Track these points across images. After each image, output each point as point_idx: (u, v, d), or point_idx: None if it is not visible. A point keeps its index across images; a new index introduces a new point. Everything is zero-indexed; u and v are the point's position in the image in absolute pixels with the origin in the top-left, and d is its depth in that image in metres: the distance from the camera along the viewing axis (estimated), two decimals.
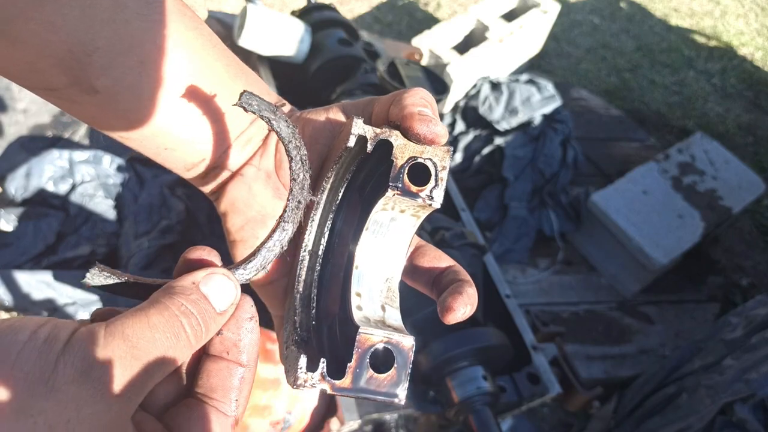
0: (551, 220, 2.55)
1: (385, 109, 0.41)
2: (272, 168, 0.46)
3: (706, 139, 2.73)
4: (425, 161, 0.37)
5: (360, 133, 0.38)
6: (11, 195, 2.08)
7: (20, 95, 2.47)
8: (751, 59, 3.83)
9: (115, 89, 0.39)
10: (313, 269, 0.43)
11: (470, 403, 1.22)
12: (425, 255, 0.44)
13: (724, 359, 1.75)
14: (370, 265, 0.41)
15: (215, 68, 0.43)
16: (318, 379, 0.35)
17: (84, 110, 0.41)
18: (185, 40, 0.41)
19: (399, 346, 0.36)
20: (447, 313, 0.39)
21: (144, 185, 2.19)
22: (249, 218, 0.46)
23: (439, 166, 0.38)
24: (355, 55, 1.72)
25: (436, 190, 0.37)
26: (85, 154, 2.19)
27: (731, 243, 2.74)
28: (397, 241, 0.41)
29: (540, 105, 2.65)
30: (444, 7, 3.83)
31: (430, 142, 0.38)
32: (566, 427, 2.11)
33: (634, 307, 2.48)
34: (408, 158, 0.37)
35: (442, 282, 0.42)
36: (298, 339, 0.40)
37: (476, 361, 1.27)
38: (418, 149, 0.38)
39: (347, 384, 0.35)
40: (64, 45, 0.37)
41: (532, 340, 1.43)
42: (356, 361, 0.35)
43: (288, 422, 1.37)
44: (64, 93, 0.40)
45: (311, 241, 0.43)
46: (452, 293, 0.40)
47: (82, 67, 0.38)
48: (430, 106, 0.40)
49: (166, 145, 0.43)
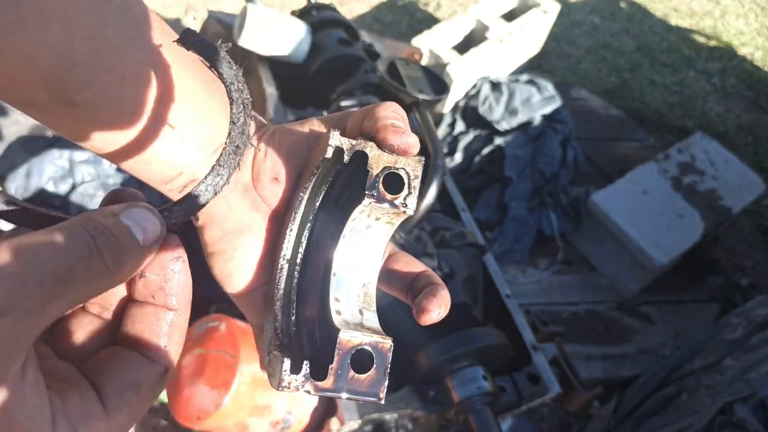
0: (551, 220, 2.55)
1: (359, 122, 0.43)
2: (249, 180, 0.47)
3: (706, 139, 2.73)
4: (399, 170, 0.39)
5: (337, 144, 0.40)
6: (11, 195, 2.08)
7: None
8: (751, 59, 3.83)
9: (95, 104, 0.40)
10: (292, 277, 0.45)
11: (470, 403, 1.22)
12: (399, 261, 0.46)
13: (725, 359, 1.75)
14: (347, 271, 0.42)
15: (195, 84, 0.45)
16: (302, 381, 0.36)
17: (62, 123, 0.42)
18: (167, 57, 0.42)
19: (378, 347, 0.38)
20: (422, 314, 0.41)
21: (144, 185, 2.19)
22: (226, 230, 0.46)
23: (412, 175, 0.39)
24: (355, 55, 1.72)
25: (409, 197, 0.39)
26: (86, 154, 2.19)
27: (731, 243, 2.74)
28: (373, 247, 0.43)
29: (540, 105, 2.65)
30: (444, 7, 3.83)
31: (403, 152, 0.40)
32: (566, 427, 2.11)
33: (634, 307, 2.48)
34: (382, 168, 0.39)
35: (416, 286, 0.44)
36: (279, 344, 0.41)
37: (476, 361, 1.27)
38: (392, 159, 0.39)
39: (329, 385, 0.36)
40: (45, 61, 0.37)
41: (532, 340, 1.43)
42: (338, 363, 0.36)
43: (288, 422, 1.37)
44: (45, 107, 0.40)
45: (289, 250, 0.45)
46: (427, 295, 0.42)
47: (62, 82, 0.38)
48: (402, 119, 0.42)
49: (144, 158, 0.44)
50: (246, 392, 1.30)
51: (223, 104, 0.46)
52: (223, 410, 1.28)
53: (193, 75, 0.45)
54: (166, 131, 0.43)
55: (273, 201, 0.46)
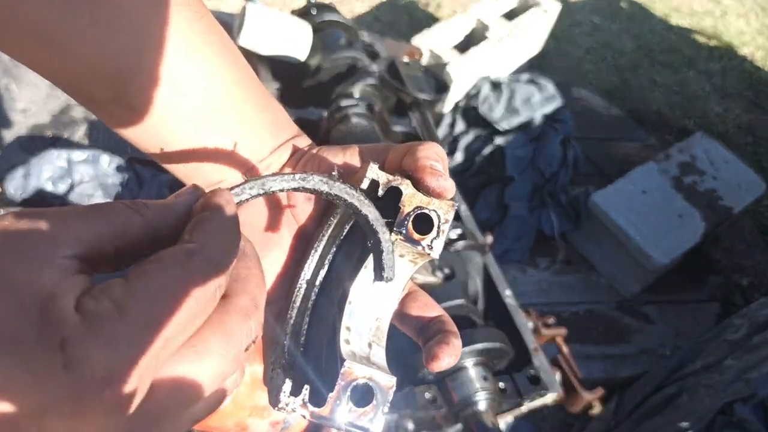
0: (551, 219, 2.55)
1: (399, 158, 0.43)
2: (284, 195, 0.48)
3: (706, 139, 2.73)
4: (430, 212, 0.40)
5: (374, 177, 0.40)
6: (10, 195, 2.08)
7: (20, 95, 2.47)
8: (751, 59, 3.83)
9: (149, 109, 0.43)
10: (308, 298, 0.45)
11: (470, 403, 1.22)
12: (416, 300, 0.46)
13: (725, 359, 1.75)
14: (362, 303, 0.42)
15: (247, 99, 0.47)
16: (299, 405, 0.37)
17: (119, 123, 0.45)
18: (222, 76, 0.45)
19: (380, 384, 0.38)
20: (432, 361, 0.41)
21: (143, 185, 2.19)
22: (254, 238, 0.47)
23: (443, 218, 0.40)
24: (355, 55, 1.72)
25: (436, 240, 0.39)
26: (84, 154, 2.19)
27: (731, 243, 2.74)
28: (393, 283, 0.43)
29: (540, 105, 2.65)
30: (444, 7, 3.83)
31: (437, 195, 0.40)
32: (566, 428, 2.11)
33: (634, 307, 2.47)
34: (414, 207, 0.39)
35: (429, 330, 0.44)
36: (285, 363, 0.42)
37: (476, 362, 1.27)
38: (425, 200, 0.40)
39: (326, 413, 0.36)
40: (114, 65, 0.40)
41: (532, 341, 1.43)
42: (337, 393, 0.37)
43: (288, 423, 1.37)
44: (105, 105, 0.43)
45: (310, 271, 0.45)
46: (439, 343, 0.42)
47: (124, 86, 0.41)
48: (442, 161, 0.42)
49: (192, 164, 0.47)
50: (246, 392, 1.30)
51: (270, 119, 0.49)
52: (222, 410, 1.28)
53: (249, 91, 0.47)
54: (215, 142, 0.46)
55: (302, 219, 0.47)
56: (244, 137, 0.47)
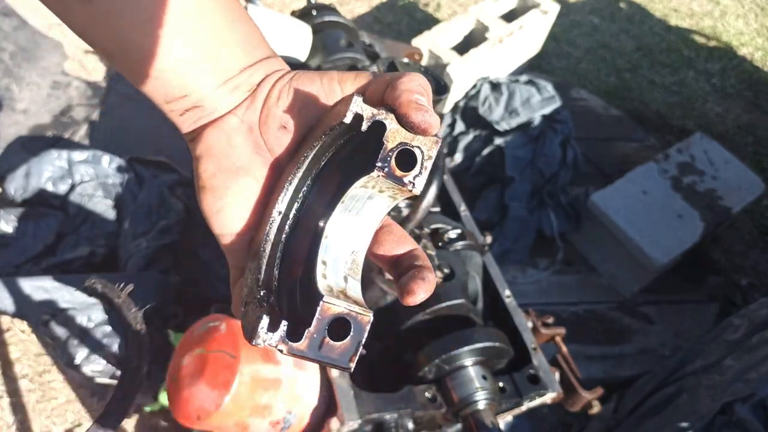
0: (551, 220, 2.55)
1: (381, 90, 0.41)
2: (256, 122, 0.46)
3: (706, 139, 2.73)
4: (414, 148, 0.39)
5: (358, 111, 0.39)
6: (11, 195, 2.08)
7: (20, 96, 2.47)
8: (750, 59, 3.83)
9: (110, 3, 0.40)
10: (282, 230, 0.44)
11: (470, 403, 1.23)
12: (391, 234, 0.45)
13: (725, 359, 1.75)
14: (339, 237, 0.42)
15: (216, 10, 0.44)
16: (277, 341, 0.37)
17: (75, 18, 0.42)
18: None
19: (358, 318, 0.38)
20: (408, 296, 0.41)
21: (143, 185, 2.19)
22: (223, 167, 0.45)
23: (426, 155, 0.39)
24: (355, 56, 1.72)
25: (419, 177, 0.39)
26: (84, 154, 2.19)
27: (731, 243, 2.74)
28: (370, 218, 0.43)
29: (540, 105, 2.65)
30: (444, 8, 3.83)
31: (422, 131, 0.39)
32: (566, 427, 2.11)
33: (633, 307, 2.48)
34: (398, 143, 0.38)
35: (402, 265, 0.43)
36: (260, 297, 0.41)
37: (476, 361, 1.27)
38: (409, 136, 0.39)
39: (303, 347, 0.36)
40: None
41: (532, 340, 1.43)
42: (315, 328, 0.36)
43: (288, 422, 1.37)
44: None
45: (284, 203, 0.44)
46: (413, 278, 0.41)
47: None
48: (426, 95, 0.40)
49: (151, 71, 0.43)
50: (246, 392, 1.30)
51: (243, 34, 0.46)
52: (223, 410, 1.28)
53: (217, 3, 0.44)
54: (178, 47, 0.42)
55: (277, 149, 0.45)
56: (213, 48, 0.44)
